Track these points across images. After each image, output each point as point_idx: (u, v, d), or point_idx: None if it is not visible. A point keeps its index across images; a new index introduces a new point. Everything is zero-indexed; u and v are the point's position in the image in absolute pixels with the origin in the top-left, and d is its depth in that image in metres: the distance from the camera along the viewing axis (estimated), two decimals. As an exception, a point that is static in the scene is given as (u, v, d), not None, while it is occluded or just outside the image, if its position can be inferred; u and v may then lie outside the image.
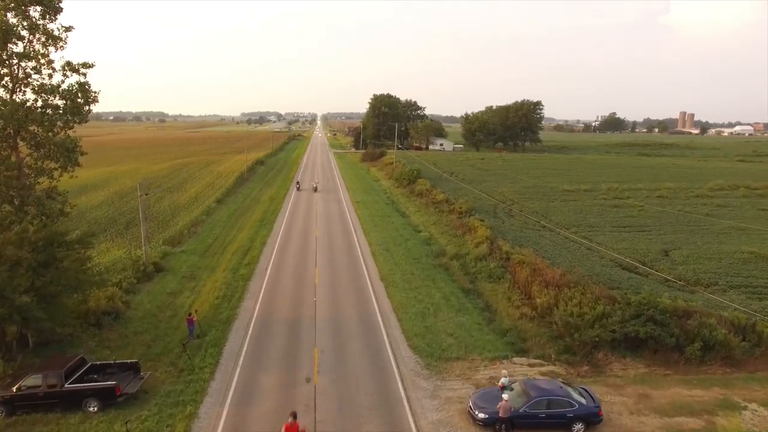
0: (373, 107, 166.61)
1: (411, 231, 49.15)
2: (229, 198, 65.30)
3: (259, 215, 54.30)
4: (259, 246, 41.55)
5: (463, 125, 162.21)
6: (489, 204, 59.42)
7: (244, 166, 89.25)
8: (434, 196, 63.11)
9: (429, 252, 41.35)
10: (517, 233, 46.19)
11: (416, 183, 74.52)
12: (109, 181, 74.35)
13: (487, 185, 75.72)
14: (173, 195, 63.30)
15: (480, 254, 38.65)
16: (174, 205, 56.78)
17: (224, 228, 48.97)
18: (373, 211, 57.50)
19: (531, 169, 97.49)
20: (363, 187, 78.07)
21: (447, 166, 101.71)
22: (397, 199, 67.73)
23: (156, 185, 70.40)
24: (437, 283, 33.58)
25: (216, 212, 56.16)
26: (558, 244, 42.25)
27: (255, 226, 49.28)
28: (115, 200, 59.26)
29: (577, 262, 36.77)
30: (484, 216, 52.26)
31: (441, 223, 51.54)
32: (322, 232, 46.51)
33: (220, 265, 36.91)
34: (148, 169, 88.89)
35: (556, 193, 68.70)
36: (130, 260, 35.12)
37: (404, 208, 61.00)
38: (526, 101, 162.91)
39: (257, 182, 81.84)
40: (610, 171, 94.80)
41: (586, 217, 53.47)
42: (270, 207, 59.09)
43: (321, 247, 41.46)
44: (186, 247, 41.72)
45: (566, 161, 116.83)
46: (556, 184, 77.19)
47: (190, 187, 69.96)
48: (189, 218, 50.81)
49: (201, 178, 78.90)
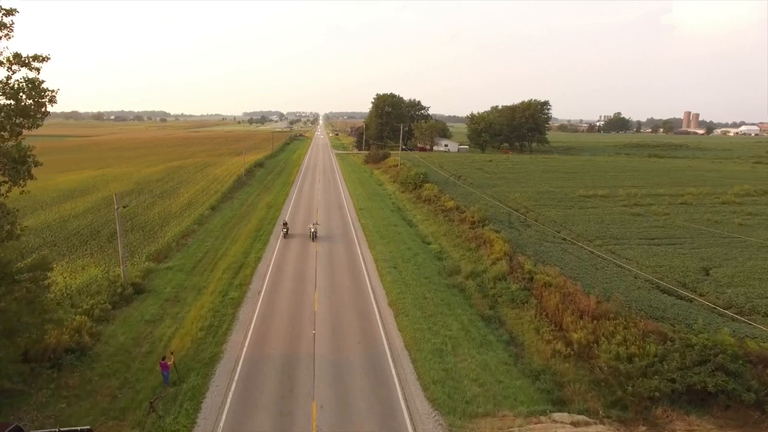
0: (376, 107, 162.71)
1: (420, 243, 45.16)
2: (224, 204, 61.37)
3: (255, 224, 50.35)
4: (253, 262, 37.57)
5: (469, 126, 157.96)
6: (502, 212, 55.35)
7: (242, 169, 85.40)
8: (443, 202, 59.10)
9: (441, 269, 37.36)
10: (537, 247, 42.14)
11: (423, 188, 70.53)
12: (98, 185, 70.49)
13: (498, 190, 71.66)
14: (165, 201, 59.38)
15: (499, 273, 34.64)
16: (164, 213, 52.86)
17: (217, 239, 45.05)
18: (378, 220, 53.50)
19: (541, 172, 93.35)
20: (366, 191, 74.07)
21: (453, 169, 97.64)
22: (404, 206, 63.71)
23: (147, 190, 66.55)
24: (453, 308, 29.59)
25: (209, 220, 52.24)
26: (583, 261, 38.20)
27: (250, 237, 45.33)
28: (102, 207, 55.36)
29: (610, 283, 32.75)
30: (498, 226, 48.26)
31: (452, 234, 47.51)
32: (323, 246, 42.52)
33: (208, 285, 32.98)
34: (141, 172, 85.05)
35: (572, 200, 64.60)
36: (107, 281, 31.20)
37: (411, 216, 57.00)
38: (533, 101, 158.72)
39: (255, 186, 77.90)
40: (625, 175, 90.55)
41: (609, 227, 49.37)
42: (267, 215, 55.13)
43: (322, 264, 37.48)
44: (173, 262, 37.79)
45: (576, 163, 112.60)
46: (571, 188, 73.08)
47: (184, 191, 66.06)
48: (179, 228, 46.90)
49: (196, 181, 75.01)
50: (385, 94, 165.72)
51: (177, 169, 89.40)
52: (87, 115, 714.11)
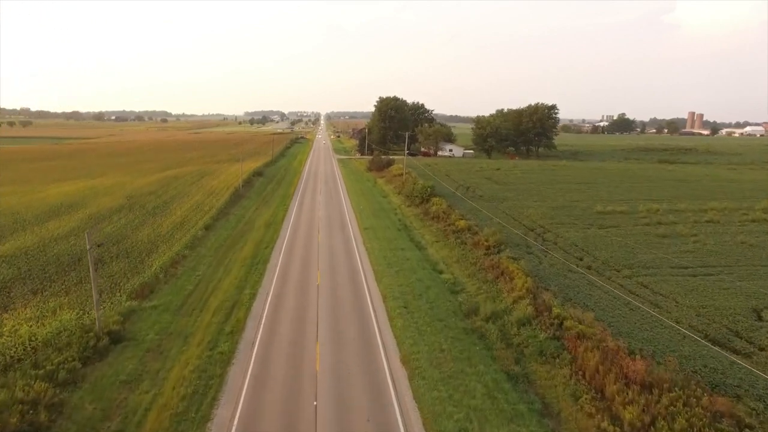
0: (379, 111, 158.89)
1: (431, 272, 41.30)
2: (219, 222, 57.55)
3: (251, 249, 46.53)
4: (247, 300, 33.75)
5: (474, 130, 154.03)
6: (518, 232, 51.49)
7: (239, 180, 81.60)
8: (454, 221, 55.23)
9: (457, 308, 33.55)
10: (561, 279, 38.30)
11: (430, 202, 66.67)
12: (88, 199, 66.73)
13: (510, 204, 67.79)
14: (156, 220, 55.58)
15: (523, 316, 30.78)
16: (154, 235, 49.07)
17: (209, 267, 41.27)
18: (383, 242, 49.64)
19: (553, 183, 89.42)
20: (371, 206, 70.22)
21: (461, 178, 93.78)
22: (410, 223, 59.84)
23: (139, 205, 62.77)
24: (474, 364, 25.76)
25: (203, 243, 48.45)
26: (615, 298, 34.32)
27: (245, 265, 41.52)
28: (89, 227, 51.55)
29: (651, 332, 28.96)
30: (516, 252, 44.45)
31: (466, 260, 43.64)
32: (325, 278, 38.67)
33: (196, 331, 29.20)
34: (134, 183, 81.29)
35: (589, 216, 60.70)
36: (80, 329, 27.40)
37: (419, 237, 53.15)
38: (539, 105, 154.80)
39: (253, 199, 74.08)
40: (641, 186, 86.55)
41: (635, 252, 45.49)
42: (265, 236, 51.29)
43: (324, 303, 33.64)
44: (158, 299, 33.99)
45: (587, 172, 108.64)
46: (587, 202, 69.19)
47: (177, 207, 62.26)
48: (169, 254, 43.12)
49: (191, 194, 71.22)
50: (388, 97, 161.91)
51: (172, 179, 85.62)
52: (88, 116, 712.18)
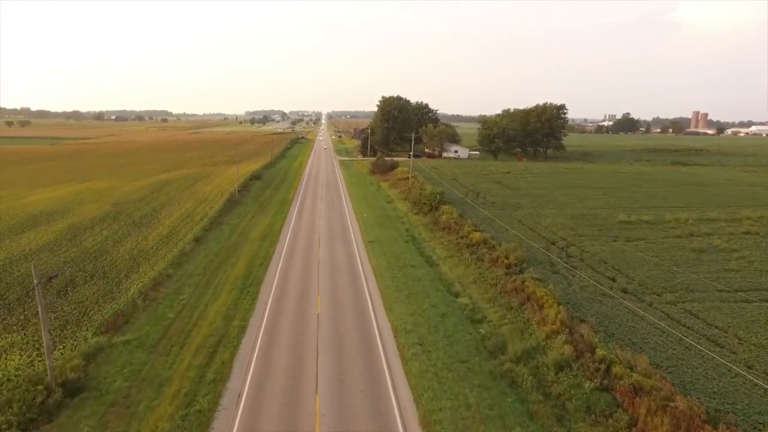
0: (383, 111, 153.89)
1: (445, 294, 36.50)
2: (211, 233, 52.75)
3: (244, 267, 41.72)
4: (235, 335, 28.95)
5: (480, 131, 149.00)
6: (539, 247, 46.65)
7: (236, 185, 76.78)
8: (467, 232, 50.38)
9: (479, 342, 28.77)
10: (596, 306, 33.46)
11: (440, 210, 61.83)
12: (73, 206, 61.99)
13: (526, 213, 62.90)
14: (141, 231, 50.79)
15: (561, 358, 25.94)
16: (137, 250, 44.29)
17: (195, 290, 36.50)
18: (391, 258, 44.81)
19: (567, 187, 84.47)
20: (375, 213, 65.36)
21: (469, 182, 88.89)
22: (419, 234, 54.99)
23: (125, 213, 58.00)
24: (509, 425, 20.98)
25: (190, 259, 43.67)
26: (663, 333, 29.45)
27: (236, 287, 36.73)
28: (67, 240, 46.89)
29: (720, 382, 24.10)
30: (540, 271, 39.60)
31: (484, 280, 38.81)
32: (326, 306, 33.84)
33: (173, 376, 24.44)
34: (124, 188, 76.54)
35: (613, 227, 55.82)
36: (28, 380, 22.63)
37: (430, 250, 48.32)
38: (548, 104, 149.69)
39: (250, 206, 69.27)
40: (661, 191, 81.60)
41: (674, 272, 40.57)
42: (260, 251, 46.49)
43: (326, 342, 28.77)
44: (133, 333, 29.23)
45: (601, 175, 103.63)
46: (607, 210, 64.30)
47: (166, 216, 57.48)
48: (151, 274, 38.34)
49: (182, 202, 66.44)
50: (391, 97, 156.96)
51: (164, 184, 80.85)
52: (88, 115, 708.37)
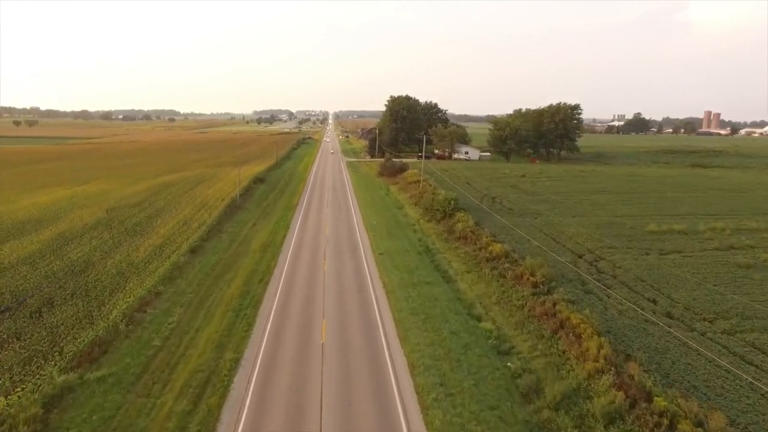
0: (391, 111, 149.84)
1: (466, 318, 32.46)
2: (209, 243, 49.00)
3: (242, 282, 37.88)
4: (227, 371, 25.04)
5: (492, 131, 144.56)
6: (564, 261, 42.47)
7: (238, 189, 73.09)
8: (485, 243, 46.30)
9: (509, 382, 24.70)
10: (641, 337, 29.23)
11: (455, 218, 57.72)
12: (64, 212, 58.52)
13: (546, 221, 58.66)
14: (133, 241, 47.12)
15: (610, 408, 21.80)
16: (126, 263, 40.57)
17: (186, 311, 32.71)
18: (404, 273, 40.76)
19: (587, 192, 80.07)
20: (385, 221, 61.35)
21: (483, 186, 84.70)
22: (433, 244, 50.94)
23: (118, 220, 54.41)
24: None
25: (184, 273, 39.88)
26: (728, 374, 25.19)
27: (232, 309, 32.89)
28: (51, 251, 43.29)
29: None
30: (571, 291, 35.50)
31: (509, 301, 34.71)
32: (332, 334, 29.87)
33: (149, 428, 20.57)
34: (122, 192, 73.10)
35: (643, 237, 51.48)
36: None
37: (446, 264, 44.26)
38: (561, 104, 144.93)
39: (252, 211, 65.52)
40: (688, 197, 76.98)
41: (722, 292, 36.19)
42: (260, 264, 42.64)
43: (330, 382, 24.72)
44: (110, 365, 25.43)
45: (621, 179, 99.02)
46: (634, 218, 59.93)
47: (162, 224, 53.82)
48: (139, 291, 34.60)
49: (181, 207, 62.80)
50: (399, 96, 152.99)
51: (164, 187, 77.35)
52: (96, 115, 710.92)
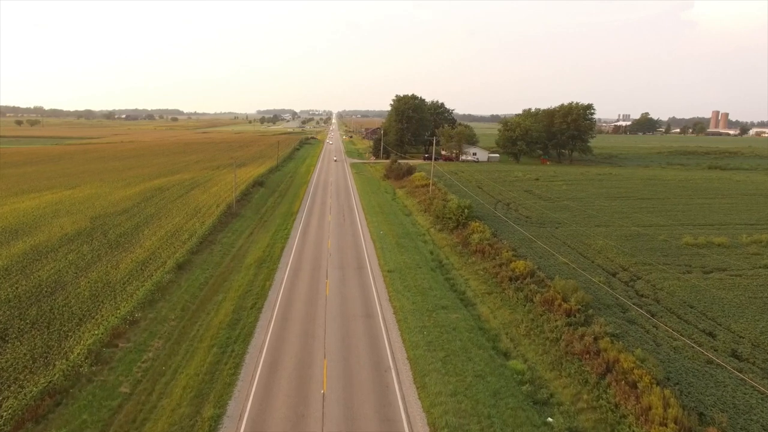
0: (397, 110, 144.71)
1: (492, 355, 27.58)
2: (199, 256, 44.26)
3: (233, 306, 33.08)
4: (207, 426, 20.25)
5: (502, 132, 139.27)
6: (597, 281, 37.47)
7: (236, 193, 68.28)
8: (506, 259, 41.34)
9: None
10: (710, 387, 24.17)
11: (469, 227, 52.74)
12: (45, 220, 53.86)
13: (569, 232, 53.65)
14: (115, 255, 42.41)
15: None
16: (102, 283, 35.82)
17: (165, 344, 27.97)
18: (416, 295, 35.86)
19: (608, 198, 74.95)
20: (393, 230, 56.43)
21: (496, 191, 79.69)
22: (446, 258, 46.05)
23: (102, 230, 49.71)
24: None
25: (167, 295, 35.10)
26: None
27: (218, 343, 28.09)
28: (20, 269, 38.58)
29: None
30: (610, 318, 30.69)
31: (540, 332, 29.78)
32: (335, 385, 24.98)
33: None
34: (112, 196, 68.42)
35: (679, 252, 46.43)
36: None
37: (462, 282, 39.38)
38: (573, 104, 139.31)
39: (249, 219, 60.74)
40: (720, 204, 71.79)
41: (787, 321, 31.16)
42: (254, 283, 37.81)
43: None
44: (59, 427, 20.66)
45: (641, 182, 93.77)
46: (665, 228, 54.87)
47: (150, 234, 49.11)
48: (112, 320, 29.84)
49: (172, 214, 58.08)
50: (405, 95, 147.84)
51: (157, 192, 72.67)
52: (100, 114, 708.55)
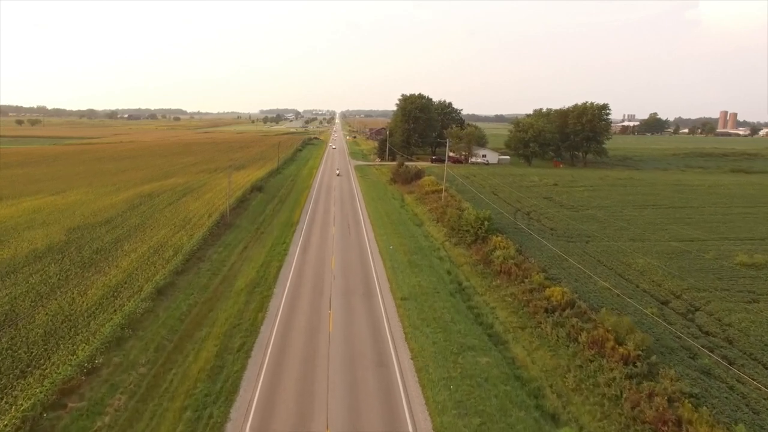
0: (403, 110, 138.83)
1: (537, 420, 21.90)
2: (183, 278, 38.55)
3: (217, 348, 27.34)
4: None
5: (513, 133, 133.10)
6: (651, 314, 31.59)
7: (232, 200, 62.57)
8: (537, 282, 35.63)
9: None
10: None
11: (490, 242, 46.96)
12: (16, 232, 48.28)
13: (601, 247, 47.74)
14: (85, 277, 36.70)
15: None
16: (63, 316, 30.13)
17: (128, 404, 22.28)
18: (438, 332, 30.04)
19: (635, 206, 68.93)
20: (404, 243, 50.61)
21: (513, 197, 73.77)
22: (467, 280, 40.23)
23: (77, 245, 44.06)
24: None
25: (139, 331, 29.37)
26: None
27: (194, 403, 22.39)
28: (-26, 292, 32.96)
29: None
30: (680, 367, 24.77)
31: (593, 386, 23.94)
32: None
33: None
34: (94, 205, 62.78)
35: (736, 274, 40.50)
36: None
37: (489, 313, 33.56)
38: (588, 104, 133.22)
39: (244, 230, 55.03)
40: (762, 213, 65.68)
41: None
42: (244, 315, 32.04)
43: None
44: None
45: (665, 187, 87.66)
46: (710, 243, 48.91)
47: (130, 250, 43.46)
48: (64, 370, 24.15)
49: (159, 225, 52.42)
50: (412, 95, 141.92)
51: (147, 198, 67.04)
52: (102, 114, 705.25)
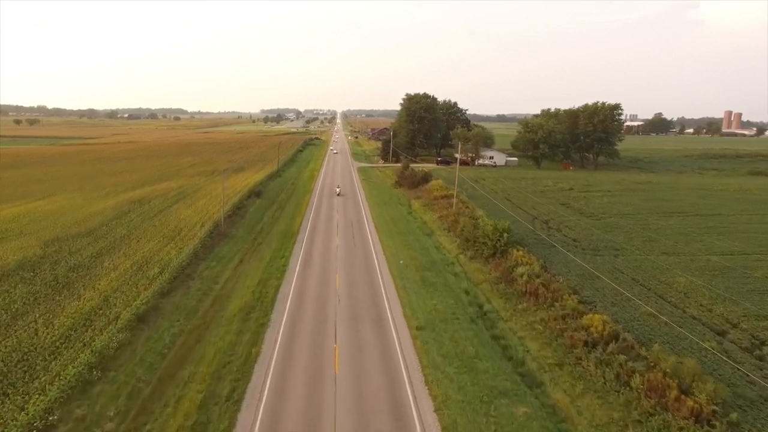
0: (407, 110, 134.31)
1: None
2: (170, 299, 34.11)
3: (202, 396, 22.89)
4: None
5: (522, 134, 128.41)
6: (710, 348, 27.11)
7: (227, 206, 58.11)
8: (570, 307, 31.18)
9: None
10: None
11: (510, 256, 42.51)
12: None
13: (632, 260, 43.24)
14: (52, 303, 32.26)
15: None
16: (20, 354, 25.70)
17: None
18: (461, 372, 25.58)
19: (660, 214, 64.34)
20: (414, 257, 46.14)
21: (527, 203, 69.24)
22: (488, 302, 35.73)
23: (51, 263, 39.63)
24: None
25: (110, 373, 24.94)
26: None
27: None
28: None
29: None
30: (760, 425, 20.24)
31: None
32: None
33: None
34: (82, 211, 58.45)
35: (790, 294, 35.96)
36: None
37: (517, 344, 29.11)
38: (599, 104, 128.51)
39: (240, 241, 50.58)
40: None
41: None
42: (237, 349, 27.58)
43: None
44: None
45: (687, 192, 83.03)
46: (755, 259, 44.42)
47: (110, 267, 39.03)
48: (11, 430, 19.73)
49: (147, 236, 48.02)
50: (417, 94, 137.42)
51: (136, 204, 62.61)
52: (102, 113, 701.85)
